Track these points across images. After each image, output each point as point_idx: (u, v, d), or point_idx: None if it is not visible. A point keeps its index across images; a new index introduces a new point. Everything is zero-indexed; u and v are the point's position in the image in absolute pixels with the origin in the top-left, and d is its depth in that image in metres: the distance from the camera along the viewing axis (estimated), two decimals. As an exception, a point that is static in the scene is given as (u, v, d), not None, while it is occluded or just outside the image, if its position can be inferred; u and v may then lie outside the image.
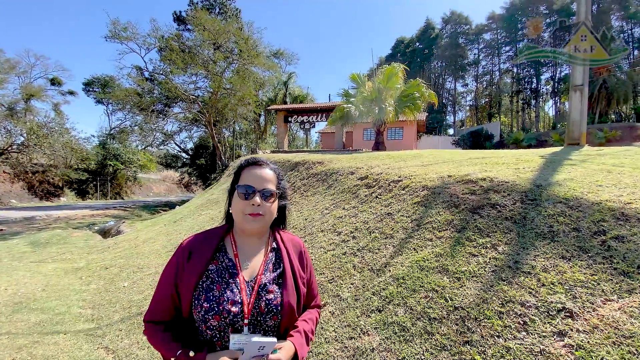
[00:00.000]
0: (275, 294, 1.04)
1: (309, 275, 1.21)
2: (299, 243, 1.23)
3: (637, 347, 1.58)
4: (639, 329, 1.65)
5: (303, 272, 1.17)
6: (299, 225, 4.73)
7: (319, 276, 3.18)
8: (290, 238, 1.22)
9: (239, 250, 1.10)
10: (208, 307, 0.97)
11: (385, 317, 2.28)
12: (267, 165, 1.15)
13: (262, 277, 1.06)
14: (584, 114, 7.49)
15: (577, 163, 3.94)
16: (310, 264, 1.24)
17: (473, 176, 3.60)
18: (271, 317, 1.01)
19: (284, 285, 1.07)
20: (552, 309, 1.89)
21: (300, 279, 1.13)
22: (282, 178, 1.19)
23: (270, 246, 1.16)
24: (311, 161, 7.57)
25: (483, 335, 1.88)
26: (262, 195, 1.06)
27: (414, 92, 11.97)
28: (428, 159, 5.99)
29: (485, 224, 2.73)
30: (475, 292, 2.16)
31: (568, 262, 2.13)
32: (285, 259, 1.13)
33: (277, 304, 1.02)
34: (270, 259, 1.13)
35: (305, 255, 1.22)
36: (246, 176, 1.10)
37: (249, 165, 1.13)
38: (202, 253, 1.06)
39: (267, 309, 1.01)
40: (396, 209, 3.75)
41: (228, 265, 1.06)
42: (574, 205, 2.57)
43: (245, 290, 1.02)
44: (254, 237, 1.12)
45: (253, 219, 1.05)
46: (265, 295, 1.03)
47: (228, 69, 24.22)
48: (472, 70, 45.12)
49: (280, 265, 1.12)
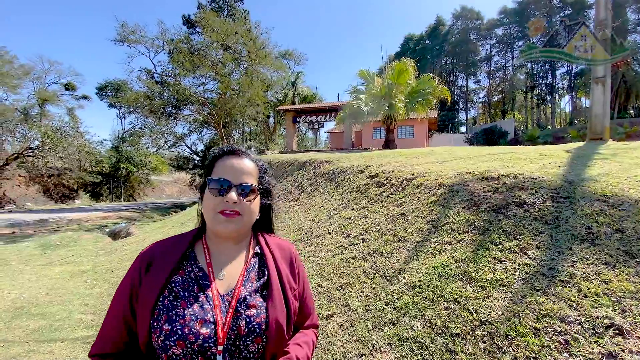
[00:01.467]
0: (259, 309, 0.81)
1: (301, 288, 0.98)
2: (289, 248, 1.01)
3: None
4: None
5: (295, 282, 0.95)
6: (306, 227, 4.50)
7: (327, 282, 2.95)
8: (277, 242, 1.00)
9: (212, 257, 0.89)
10: (169, 329, 0.74)
11: (400, 332, 2.03)
12: (247, 156, 0.95)
13: (241, 289, 0.84)
14: (607, 107, 7.06)
15: (608, 157, 3.60)
16: (303, 274, 1.02)
17: (494, 172, 3.30)
18: (253, 339, 0.79)
19: (270, 297, 0.85)
20: (598, 325, 1.60)
21: (290, 290, 0.91)
22: (265, 171, 0.99)
23: (253, 251, 0.94)
24: (319, 160, 7.34)
25: (516, 356, 1.61)
26: (239, 191, 0.86)
27: (425, 87, 11.60)
28: (443, 156, 5.69)
29: (512, 225, 2.44)
30: (504, 304, 1.89)
31: (613, 269, 1.84)
32: (271, 265, 0.91)
33: (260, 321, 0.80)
34: (252, 266, 0.91)
35: (296, 263, 0.99)
36: (220, 168, 0.90)
37: (224, 155, 0.93)
38: (165, 262, 0.84)
39: (247, 329, 0.78)
40: (410, 209, 3.48)
41: (198, 275, 0.84)
42: (614, 203, 2.26)
43: (220, 307, 0.79)
44: (230, 241, 0.91)
45: (227, 219, 0.84)
46: (246, 311, 0.80)
47: (236, 70, 24.25)
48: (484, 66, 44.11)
49: (264, 273, 0.90)
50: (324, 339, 2.28)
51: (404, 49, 46.78)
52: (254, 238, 0.98)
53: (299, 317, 0.97)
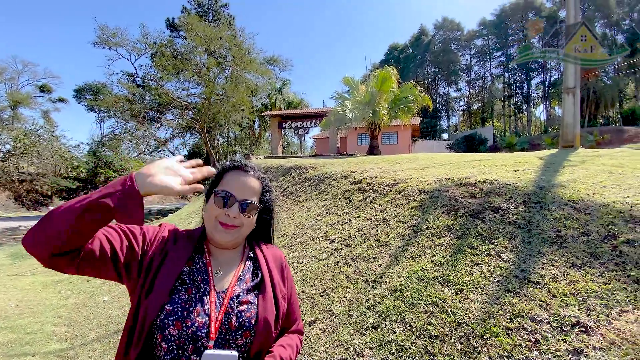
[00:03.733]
0: (250, 306, 0.89)
1: (289, 293, 1.05)
2: (280, 255, 1.08)
3: (660, 366, 1.40)
4: (661, 345, 1.47)
5: (284, 287, 1.02)
6: (290, 233, 4.51)
7: (310, 288, 2.96)
8: (270, 249, 1.08)
9: (212, 257, 0.96)
10: (171, 309, 0.80)
11: (382, 335, 2.07)
12: (254, 173, 1.00)
13: (235, 288, 0.91)
14: (577, 117, 7.46)
15: (577, 164, 3.80)
16: (291, 281, 1.08)
17: (472, 179, 3.43)
18: (242, 333, 0.85)
19: (262, 295, 0.92)
20: (565, 323, 1.70)
21: (280, 292, 0.98)
22: (268, 189, 1.05)
23: (247, 255, 1.02)
24: (304, 166, 7.37)
25: (491, 355, 1.68)
26: (240, 207, 0.92)
27: (408, 95, 11.90)
28: (424, 162, 5.84)
29: (488, 230, 2.55)
30: (480, 306, 1.97)
31: (579, 270, 1.95)
32: (264, 268, 0.99)
33: (250, 316, 0.87)
34: (248, 269, 0.98)
35: (286, 269, 1.07)
36: (228, 181, 0.96)
37: (233, 169, 0.99)
38: (183, 250, 0.91)
39: (238, 323, 0.85)
40: (392, 215, 3.56)
41: (202, 269, 0.92)
42: (580, 207, 2.40)
43: (215, 303, 0.86)
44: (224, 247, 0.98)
45: (225, 231, 0.91)
46: (238, 307, 0.87)
47: (221, 75, 24.08)
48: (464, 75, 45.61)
49: (258, 275, 0.98)
50: (307, 345, 2.29)
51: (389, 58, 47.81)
52: (248, 245, 1.05)
53: (285, 322, 1.02)
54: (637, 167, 3.58)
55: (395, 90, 12.20)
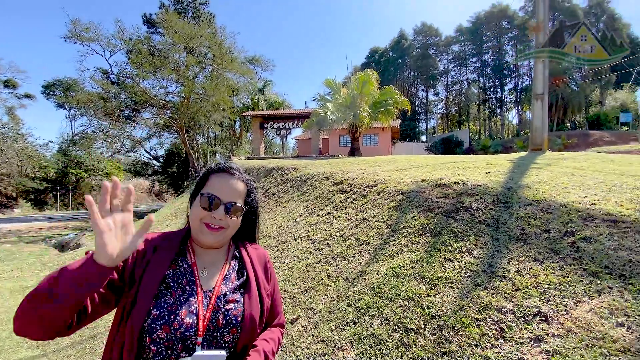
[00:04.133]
0: (237, 304, 0.92)
1: (272, 289, 1.10)
2: (264, 254, 1.13)
3: (608, 349, 1.56)
4: (609, 330, 1.64)
5: (267, 284, 1.07)
6: (272, 234, 4.54)
7: (292, 287, 3.02)
8: (254, 248, 1.12)
9: (197, 257, 0.98)
10: (157, 314, 0.82)
11: (361, 330, 2.16)
12: (240, 176, 1.03)
13: (221, 287, 0.94)
14: (545, 121, 7.91)
15: (542, 166, 4.07)
16: (274, 278, 1.14)
17: (446, 180, 3.60)
18: (229, 330, 0.89)
19: (248, 294, 0.96)
20: (527, 313, 1.85)
21: (264, 290, 1.03)
22: (253, 191, 1.08)
23: (232, 254, 1.05)
24: (286, 167, 7.40)
25: (461, 345, 1.80)
26: (226, 209, 0.95)
27: (388, 98, 12.17)
28: (402, 164, 6.02)
29: (460, 228, 2.70)
30: (451, 299, 2.09)
31: (541, 265, 2.12)
32: (249, 267, 1.02)
33: (237, 314, 0.91)
34: (233, 268, 1.02)
35: (269, 267, 1.12)
36: (213, 183, 0.99)
37: (219, 172, 1.02)
38: (165, 254, 0.93)
39: (225, 321, 0.88)
40: (371, 215, 3.67)
41: (187, 271, 0.94)
42: (543, 207, 2.60)
43: (202, 302, 0.89)
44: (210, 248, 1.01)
45: (210, 232, 0.94)
46: (225, 305, 0.91)
47: (201, 73, 23.63)
48: (442, 79, 47.03)
49: (243, 274, 1.01)
50: (288, 342, 2.34)
51: (370, 60, 48.55)
52: (233, 244, 1.08)
53: (269, 317, 1.07)
54: (597, 169, 3.88)
55: (376, 93, 12.46)
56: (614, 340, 1.59)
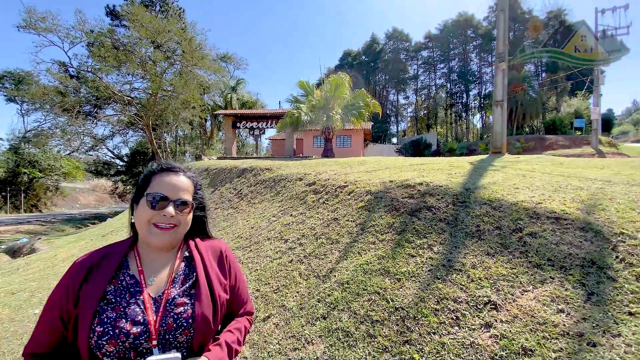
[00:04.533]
0: (186, 307, 0.94)
1: (234, 281, 1.11)
2: (219, 247, 1.13)
3: (549, 333, 1.77)
4: (551, 316, 1.85)
5: (225, 278, 1.08)
6: (245, 235, 4.54)
7: (265, 286, 3.06)
8: (209, 244, 1.12)
9: (144, 264, 0.98)
10: (102, 331, 0.84)
11: (330, 324, 2.26)
12: (184, 172, 1.05)
13: (170, 291, 0.95)
14: (504, 126, 8.50)
15: (499, 169, 4.41)
16: (236, 268, 1.15)
17: (412, 181, 3.81)
18: (181, 332, 0.91)
19: (197, 296, 0.96)
20: (479, 302, 2.04)
21: (220, 285, 1.04)
22: (200, 187, 1.10)
23: (182, 256, 1.05)
24: (259, 167, 7.38)
25: (421, 333, 1.95)
26: (175, 206, 0.97)
27: (360, 101, 12.47)
28: (372, 166, 6.23)
29: (423, 226, 2.89)
30: (414, 292, 2.25)
31: (492, 258, 2.34)
32: (199, 266, 1.02)
33: (187, 316, 0.92)
34: (182, 270, 1.02)
35: (228, 260, 1.12)
36: (158, 183, 0.99)
37: (161, 171, 1.02)
38: (103, 271, 0.93)
39: (176, 324, 0.91)
40: (342, 214, 3.80)
41: (129, 283, 0.94)
42: (496, 206, 2.85)
43: (151, 308, 0.91)
44: (161, 249, 1.01)
45: (162, 232, 0.95)
46: (174, 309, 0.92)
47: (169, 70, 22.78)
48: (412, 84, 48.68)
49: (193, 275, 1.01)
50: (260, 339, 2.39)
51: (343, 63, 49.19)
52: (184, 244, 1.08)
53: (234, 307, 1.11)
54: (546, 171, 4.26)
55: (348, 96, 12.71)
56: (555, 325, 1.80)
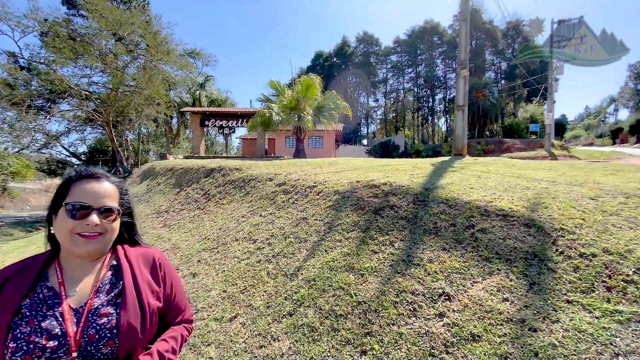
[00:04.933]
0: (110, 317, 0.90)
1: (169, 289, 1.09)
2: (152, 254, 1.09)
3: (495, 319, 1.95)
4: (497, 304, 2.04)
5: (158, 285, 1.05)
6: (212, 236, 4.47)
7: (232, 287, 3.06)
8: (141, 251, 1.09)
9: (65, 276, 0.94)
10: (15, 347, 0.81)
11: (296, 320, 2.32)
12: (107, 178, 1.01)
13: (94, 301, 0.92)
14: (465, 130, 9.03)
15: (457, 170, 4.71)
16: (172, 276, 1.12)
17: (377, 181, 3.97)
18: (105, 343, 0.88)
19: (123, 304, 0.93)
20: (434, 294, 2.19)
21: (151, 293, 1.01)
22: (125, 192, 1.07)
23: (109, 265, 1.01)
24: (228, 167, 7.27)
25: (381, 325, 2.07)
26: (100, 214, 0.93)
27: (330, 103, 12.65)
28: (341, 166, 6.37)
29: (385, 224, 3.03)
30: (375, 286, 2.37)
31: (447, 253, 2.52)
32: (127, 274, 0.99)
33: (111, 327, 0.89)
34: (108, 279, 0.98)
35: (163, 268, 1.09)
36: (78, 191, 0.94)
37: (81, 179, 0.97)
38: (17, 286, 0.89)
39: (98, 335, 0.87)
40: (311, 214, 3.87)
41: (47, 295, 0.90)
42: (452, 204, 3.06)
43: (72, 320, 0.88)
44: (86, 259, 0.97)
45: (86, 241, 0.92)
46: (97, 320, 0.89)
47: (132, 64, 21.68)
48: (382, 87, 49.98)
49: (120, 284, 0.98)
50: (227, 339, 2.40)
51: (315, 64, 49.43)
52: (112, 252, 1.04)
53: (170, 316, 1.09)
54: (499, 172, 4.61)
55: (319, 98, 12.85)
56: (500, 312, 1.98)
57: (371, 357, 1.90)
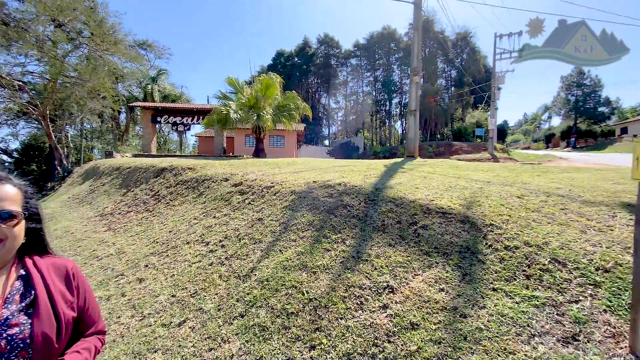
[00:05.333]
0: (22, 327, 0.86)
1: (82, 301, 1.06)
2: (65, 265, 1.06)
3: (432, 308, 2.12)
4: (434, 294, 2.23)
5: (72, 295, 1.02)
6: (162, 239, 4.27)
7: (181, 292, 2.96)
8: (52, 261, 1.05)
9: None
10: None
11: (247, 321, 2.32)
12: (8, 181, 0.97)
13: (2, 312, 0.87)
14: (417, 133, 9.58)
15: (406, 171, 5.00)
16: (86, 288, 1.10)
17: (332, 181, 4.09)
18: (17, 354, 0.83)
19: (36, 314, 0.89)
20: (380, 287, 2.34)
21: (65, 303, 0.98)
22: (31, 196, 1.02)
23: (17, 274, 0.97)
24: (181, 167, 6.96)
25: (330, 319, 2.16)
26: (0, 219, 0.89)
27: (290, 103, 12.65)
28: (300, 167, 6.43)
29: (338, 222, 3.15)
30: (327, 283, 2.46)
31: (393, 248, 2.69)
32: (39, 284, 0.94)
33: (24, 337, 0.85)
34: (17, 289, 0.93)
35: (76, 278, 1.06)
36: None
37: None
38: None
39: (10, 346, 0.83)
40: (267, 214, 3.87)
41: None
42: (398, 203, 3.26)
43: None
44: None
45: None
46: (7, 330, 0.85)
47: (74, 53, 19.79)
48: (342, 89, 50.97)
49: (30, 293, 0.93)
50: (174, 344, 2.33)
51: (276, 63, 48.92)
52: (19, 262, 0.99)
53: (83, 327, 1.07)
54: (443, 173, 4.98)
55: (279, 97, 12.79)
56: (436, 301, 2.17)
57: (319, 351, 1.97)
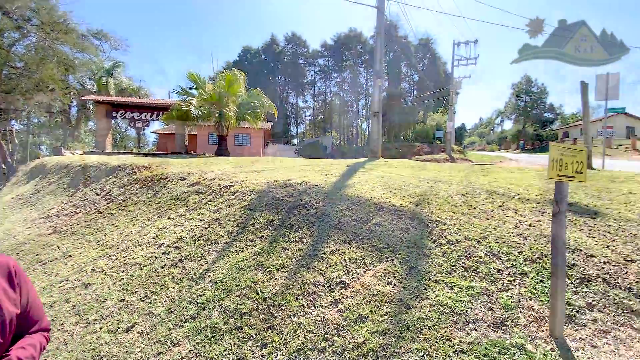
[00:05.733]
0: None
1: (26, 298, 1.07)
2: (7, 263, 1.06)
3: (380, 301, 2.22)
4: (383, 288, 2.34)
5: (14, 292, 1.02)
6: (112, 242, 4.04)
7: (130, 296, 2.83)
8: None
9: None
10: None
11: (199, 323, 2.28)
12: None
13: None
14: (380, 134, 9.87)
15: (367, 170, 5.16)
16: (28, 285, 1.11)
17: (293, 181, 4.11)
18: None
19: None
20: (333, 283, 2.40)
21: (8, 300, 0.98)
22: None
23: None
24: (135, 165, 6.60)
25: (283, 317, 2.18)
26: None
27: (255, 101, 12.46)
28: (263, 165, 6.38)
29: (297, 221, 3.18)
30: (282, 282, 2.48)
31: (347, 245, 2.78)
32: None
33: None
34: None
35: (18, 275, 1.06)
36: None
37: None
38: None
39: None
40: (224, 214, 3.80)
41: None
42: (355, 201, 3.37)
43: None
44: None
45: None
46: None
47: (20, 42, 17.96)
48: (310, 89, 51.09)
49: None
50: (121, 350, 2.22)
51: (242, 59, 47.78)
52: None
53: (26, 325, 1.06)
54: (399, 173, 5.20)
55: (244, 94, 12.54)
56: (384, 294, 2.27)
57: (271, 348, 1.99)
